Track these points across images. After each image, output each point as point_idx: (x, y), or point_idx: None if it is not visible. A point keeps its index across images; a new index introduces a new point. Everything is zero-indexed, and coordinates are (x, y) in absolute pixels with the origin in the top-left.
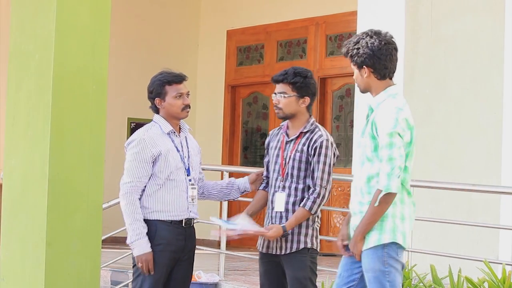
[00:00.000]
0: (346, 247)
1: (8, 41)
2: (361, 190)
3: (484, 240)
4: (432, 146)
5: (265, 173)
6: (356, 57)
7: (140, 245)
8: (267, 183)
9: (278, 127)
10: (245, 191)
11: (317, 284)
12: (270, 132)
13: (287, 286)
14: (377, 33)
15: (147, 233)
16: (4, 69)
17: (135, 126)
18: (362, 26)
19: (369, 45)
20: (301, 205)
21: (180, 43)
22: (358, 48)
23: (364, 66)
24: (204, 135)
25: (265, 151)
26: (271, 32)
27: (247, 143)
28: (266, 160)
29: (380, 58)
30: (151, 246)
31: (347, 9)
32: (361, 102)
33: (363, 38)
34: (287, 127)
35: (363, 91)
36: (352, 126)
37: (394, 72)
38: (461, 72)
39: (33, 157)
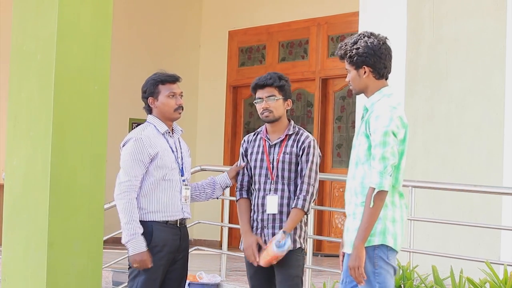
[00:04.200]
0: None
1: (9, 41)
2: (355, 190)
3: (486, 241)
4: (434, 147)
5: (241, 177)
6: (356, 57)
7: (135, 245)
8: (247, 191)
9: (254, 133)
10: (227, 186)
11: (319, 285)
12: (245, 139)
13: (276, 285)
14: (373, 34)
15: (143, 235)
16: (6, 70)
17: (136, 126)
18: (364, 26)
19: (369, 44)
20: (293, 205)
21: (182, 44)
22: (357, 48)
23: (363, 66)
24: (205, 136)
25: (241, 157)
26: (273, 33)
27: None
28: (242, 164)
29: (380, 57)
30: (148, 248)
31: (348, 9)
32: (363, 103)
33: (361, 38)
34: (267, 132)
35: (358, 92)
36: (353, 127)
37: (390, 72)
38: (463, 72)
39: (35, 157)
